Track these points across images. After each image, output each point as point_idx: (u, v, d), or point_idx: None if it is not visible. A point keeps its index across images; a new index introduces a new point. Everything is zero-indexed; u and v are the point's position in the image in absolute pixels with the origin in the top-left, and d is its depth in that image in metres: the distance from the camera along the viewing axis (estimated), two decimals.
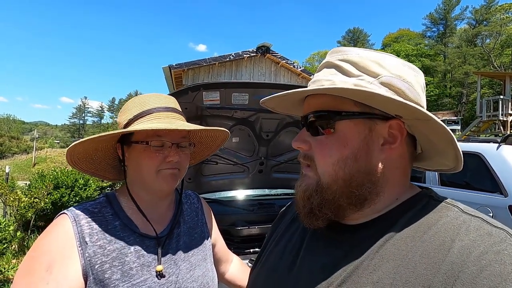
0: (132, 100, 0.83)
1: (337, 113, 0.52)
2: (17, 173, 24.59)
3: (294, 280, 0.57)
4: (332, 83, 0.52)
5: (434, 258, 0.44)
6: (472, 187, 3.48)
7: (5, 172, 6.35)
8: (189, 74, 8.97)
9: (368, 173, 0.52)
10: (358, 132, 0.52)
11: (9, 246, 3.53)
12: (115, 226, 0.75)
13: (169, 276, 0.77)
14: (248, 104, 1.96)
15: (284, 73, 10.06)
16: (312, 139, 0.55)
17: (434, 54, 42.70)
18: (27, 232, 4.85)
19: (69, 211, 0.73)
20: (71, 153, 0.76)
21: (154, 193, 0.81)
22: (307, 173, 0.57)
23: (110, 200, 0.79)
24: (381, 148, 0.53)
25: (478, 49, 36.65)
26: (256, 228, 2.28)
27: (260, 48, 9.42)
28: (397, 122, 0.53)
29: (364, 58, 0.53)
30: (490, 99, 15.70)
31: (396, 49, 43.35)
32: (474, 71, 27.33)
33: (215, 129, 0.87)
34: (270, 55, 9.61)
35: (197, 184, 2.47)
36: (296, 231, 0.67)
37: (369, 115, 0.52)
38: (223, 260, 1.06)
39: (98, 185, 6.13)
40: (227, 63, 9.34)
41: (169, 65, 8.57)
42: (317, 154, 0.54)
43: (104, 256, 0.70)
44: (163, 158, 0.77)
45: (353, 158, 0.51)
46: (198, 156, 1.01)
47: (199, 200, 1.01)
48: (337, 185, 0.52)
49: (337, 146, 0.52)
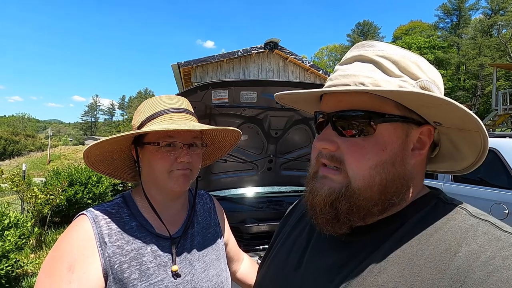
0: (145, 102, 0.84)
1: (380, 115, 0.49)
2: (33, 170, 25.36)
3: (300, 279, 0.58)
4: (374, 81, 0.49)
5: (440, 263, 0.43)
6: (487, 183, 3.39)
7: (22, 169, 6.55)
8: (198, 71, 9.01)
9: (403, 178, 0.50)
10: (397, 136, 0.50)
11: (27, 242, 3.66)
12: (132, 226, 0.77)
13: (184, 276, 0.78)
14: (257, 102, 1.95)
15: (292, 69, 9.98)
16: (342, 140, 0.51)
17: (447, 46, 41.44)
18: (44, 227, 5.01)
19: (88, 212, 0.75)
20: (87, 155, 0.77)
21: (166, 193, 0.83)
22: (332, 176, 0.52)
23: (126, 201, 0.81)
24: (411, 153, 0.51)
25: (494, 40, 35.36)
26: (265, 225, 2.29)
27: (268, 44, 9.35)
28: (428, 128, 0.52)
29: (405, 58, 0.51)
30: (506, 91, 15.19)
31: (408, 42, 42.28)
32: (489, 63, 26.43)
33: (227, 128, 0.87)
34: (278, 50, 9.53)
35: (206, 181, 2.49)
36: (304, 229, 0.67)
37: (409, 119, 0.50)
38: (235, 259, 1.07)
39: (110, 182, 6.27)
40: (235, 60, 9.33)
41: (177, 63, 8.62)
42: (351, 156, 0.50)
43: (122, 256, 0.72)
44: (174, 159, 0.78)
45: (391, 163, 0.49)
46: (212, 156, 1.02)
47: (211, 200, 1.02)
48: (371, 192, 0.49)
49: (376, 150, 0.49)
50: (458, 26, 42.14)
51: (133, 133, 0.76)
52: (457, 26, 42.19)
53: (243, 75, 9.36)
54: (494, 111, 15.12)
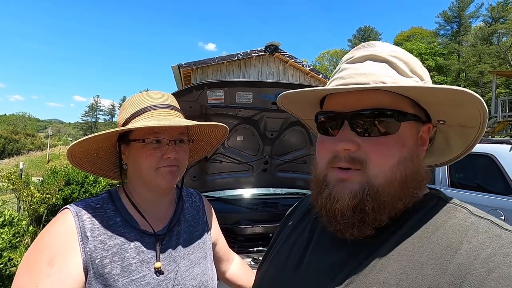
0: (129, 99, 0.84)
1: (403, 113, 0.50)
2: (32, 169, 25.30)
3: (301, 278, 0.58)
4: (394, 80, 0.50)
5: (441, 260, 0.44)
6: (484, 189, 3.38)
7: (19, 168, 6.54)
8: (198, 73, 9.04)
9: (420, 173, 0.52)
10: (412, 134, 0.52)
11: (22, 240, 3.63)
12: (116, 222, 0.76)
13: (168, 273, 0.77)
14: (252, 103, 1.96)
15: (292, 72, 10.01)
16: (363, 139, 0.50)
17: (448, 53, 41.65)
18: (40, 226, 4.99)
19: (72, 206, 0.74)
20: (71, 154, 0.77)
21: (154, 190, 0.82)
22: (351, 177, 0.50)
23: (112, 197, 0.81)
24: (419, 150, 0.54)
25: (494, 48, 35.52)
26: (259, 227, 2.28)
27: (268, 47, 9.40)
28: (428, 126, 0.55)
29: (413, 59, 0.53)
30: (506, 99, 15.25)
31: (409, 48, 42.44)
32: (489, 70, 26.53)
33: (213, 124, 0.87)
34: (279, 54, 9.57)
35: (201, 182, 2.49)
36: (305, 230, 0.67)
37: (420, 118, 0.53)
38: (224, 259, 1.06)
39: (108, 182, 6.25)
40: (235, 62, 9.37)
41: (178, 64, 8.66)
42: (374, 155, 0.49)
43: (104, 251, 0.71)
44: (160, 156, 0.77)
45: (410, 159, 0.51)
46: (200, 152, 1.01)
47: (201, 199, 1.02)
48: (393, 187, 0.49)
49: (397, 147, 0.50)
50: (458, 33, 42.40)
51: (117, 130, 0.75)
52: (458, 33, 42.44)
53: (243, 77, 9.39)
54: (494, 118, 15.15)
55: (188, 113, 1.94)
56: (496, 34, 36.88)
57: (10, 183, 4.46)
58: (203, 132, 0.94)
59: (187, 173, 2.40)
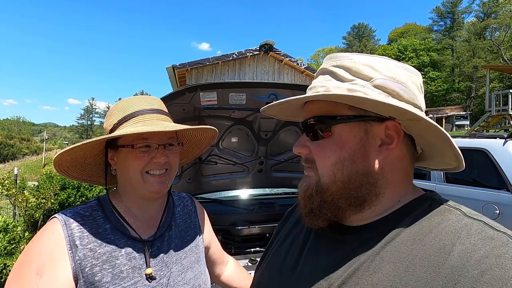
0: (116, 104, 0.83)
1: (332, 117, 0.54)
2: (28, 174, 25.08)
3: (296, 280, 0.59)
4: (326, 89, 0.54)
5: (434, 261, 0.44)
6: (479, 184, 3.41)
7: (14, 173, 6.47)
8: (193, 73, 9.00)
9: (366, 174, 0.53)
10: (354, 135, 0.53)
11: (17, 246, 3.60)
12: (106, 229, 0.75)
13: (160, 278, 0.77)
14: (246, 104, 1.95)
15: (287, 71, 10.01)
16: (312, 144, 0.58)
17: (442, 48, 41.93)
18: (35, 232, 4.94)
19: (60, 214, 0.73)
20: (58, 163, 0.76)
21: (143, 196, 0.81)
22: (309, 173, 0.59)
23: (101, 204, 0.80)
24: (378, 149, 0.53)
25: (488, 42, 35.84)
26: (256, 228, 2.28)
27: (263, 46, 9.39)
28: (393, 123, 0.53)
29: (356, 63, 0.54)
30: (499, 93, 15.36)
31: (403, 44, 42.69)
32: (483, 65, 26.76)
33: (202, 127, 0.87)
34: (273, 53, 9.56)
35: (197, 184, 2.48)
36: (301, 231, 0.68)
37: (364, 117, 0.53)
38: (219, 262, 1.06)
39: None
40: (230, 62, 9.34)
41: (172, 65, 8.62)
42: (317, 156, 0.56)
43: (94, 259, 0.70)
44: (149, 159, 0.77)
45: (350, 160, 0.53)
46: (190, 154, 1.01)
47: (193, 203, 1.01)
48: (336, 187, 0.53)
49: (335, 148, 0.54)
50: (452, 28, 42.72)
51: (104, 138, 0.74)
52: (451, 29, 42.76)
53: (238, 77, 9.38)
54: (488, 112, 15.28)
55: (181, 115, 1.95)
56: (488, 29, 37.18)
57: (4, 189, 4.41)
58: (193, 135, 0.93)
59: (183, 175, 2.40)
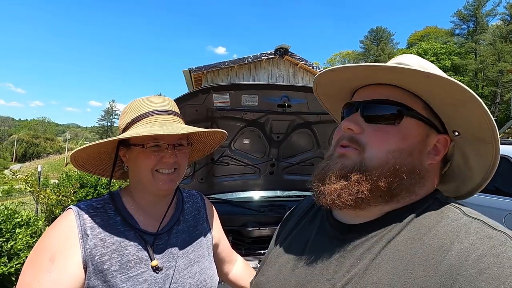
0: (130, 104, 0.86)
1: (409, 108, 0.54)
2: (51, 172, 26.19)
3: (298, 278, 0.59)
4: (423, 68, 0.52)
5: (433, 260, 0.44)
6: (501, 192, 3.25)
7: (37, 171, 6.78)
8: (209, 76, 9.14)
9: (417, 170, 0.53)
10: (418, 133, 0.54)
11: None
12: (116, 221, 0.79)
13: (166, 270, 0.80)
14: (258, 105, 1.96)
15: (303, 74, 9.97)
16: (368, 125, 0.55)
17: (465, 52, 40.45)
18: None
19: (74, 206, 0.78)
20: (74, 158, 0.81)
21: (153, 193, 0.84)
22: (347, 153, 0.55)
23: (113, 197, 0.84)
24: (427, 155, 0.55)
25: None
26: (266, 230, 2.27)
27: (278, 50, 9.40)
28: (445, 137, 0.56)
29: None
30: None
31: (424, 48, 41.50)
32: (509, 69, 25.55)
33: (210, 130, 0.89)
34: (289, 56, 9.56)
35: (209, 184, 2.51)
36: (302, 231, 0.69)
37: (431, 123, 0.55)
38: (227, 260, 1.08)
39: (120, 184, 6.39)
40: (245, 66, 9.42)
41: (189, 68, 8.78)
42: (373, 139, 0.54)
43: (104, 248, 0.74)
44: (159, 159, 0.80)
45: (408, 152, 0.53)
46: (199, 153, 1.03)
47: (202, 200, 1.04)
48: (383, 168, 0.52)
49: (397, 138, 0.53)
50: (475, 32, 41.10)
51: (116, 139, 0.79)
52: (474, 32, 41.14)
53: (253, 80, 9.43)
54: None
55: (194, 116, 1.98)
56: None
57: (28, 186, 4.63)
58: (202, 136, 0.96)
59: (195, 175, 2.44)
